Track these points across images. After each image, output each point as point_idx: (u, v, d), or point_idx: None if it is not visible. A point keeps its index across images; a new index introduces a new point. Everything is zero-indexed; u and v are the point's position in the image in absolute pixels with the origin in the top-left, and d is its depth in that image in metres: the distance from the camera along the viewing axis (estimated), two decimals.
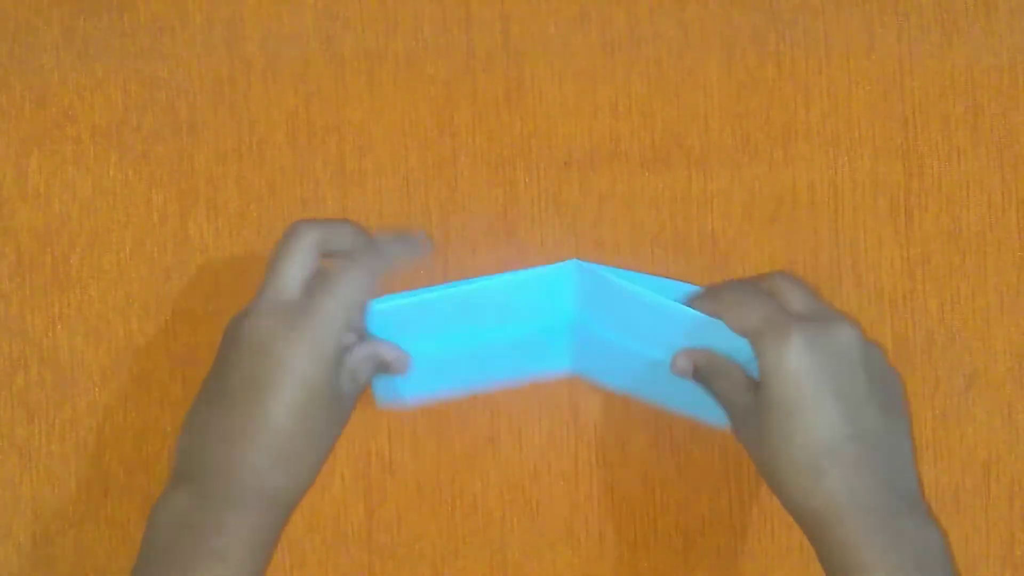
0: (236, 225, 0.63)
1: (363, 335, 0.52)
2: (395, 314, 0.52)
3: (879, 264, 0.63)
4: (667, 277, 0.57)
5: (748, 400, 0.51)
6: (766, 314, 0.49)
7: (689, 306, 0.52)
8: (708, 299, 0.52)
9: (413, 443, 0.62)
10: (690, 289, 0.55)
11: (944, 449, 0.63)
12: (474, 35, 0.64)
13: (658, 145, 0.63)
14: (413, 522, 0.63)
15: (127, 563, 0.63)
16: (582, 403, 0.63)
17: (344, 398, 0.50)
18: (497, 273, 0.53)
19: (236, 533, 0.47)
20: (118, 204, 0.63)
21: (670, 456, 0.63)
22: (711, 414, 0.55)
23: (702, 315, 0.52)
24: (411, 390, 0.58)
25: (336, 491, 0.63)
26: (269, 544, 0.49)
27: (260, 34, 0.63)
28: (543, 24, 0.64)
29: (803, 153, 0.64)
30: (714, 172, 0.63)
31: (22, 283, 0.63)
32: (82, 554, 0.63)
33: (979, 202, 0.64)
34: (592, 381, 0.61)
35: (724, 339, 0.51)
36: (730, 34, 0.64)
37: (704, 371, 0.53)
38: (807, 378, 0.48)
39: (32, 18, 0.63)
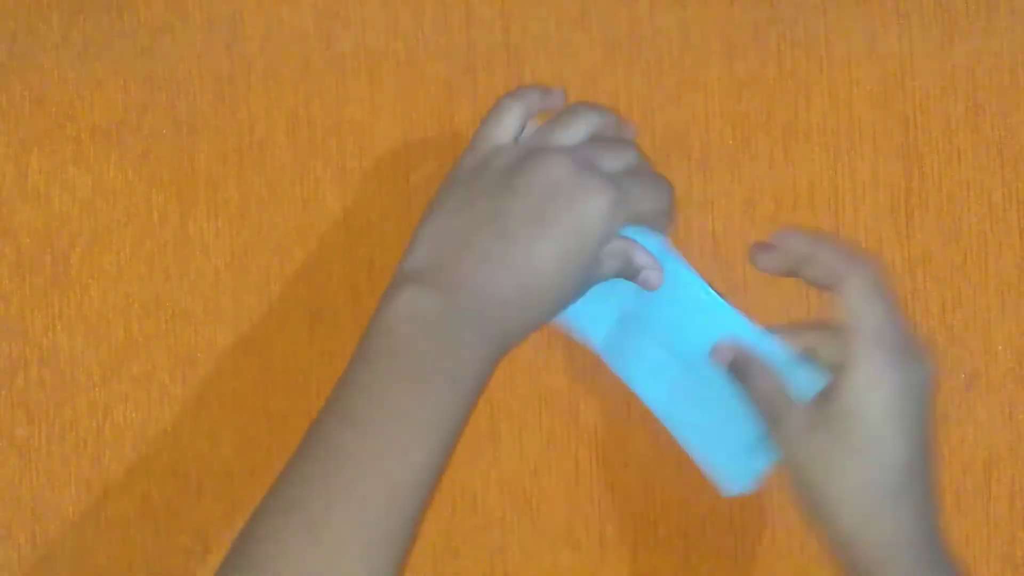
0: (236, 225, 0.63)
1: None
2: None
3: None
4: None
5: (796, 409, 0.47)
6: (877, 323, 0.46)
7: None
8: (799, 242, 0.47)
9: None
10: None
11: (945, 449, 0.63)
12: (475, 34, 0.63)
13: (658, 145, 0.63)
14: None
15: (127, 563, 0.63)
16: (582, 403, 0.63)
17: (591, 271, 0.48)
18: None
19: (471, 360, 0.46)
20: (118, 204, 0.63)
21: (670, 456, 0.63)
22: (719, 450, 0.52)
23: (758, 328, 0.48)
24: (599, 340, 0.53)
25: None
26: (483, 387, 0.47)
27: (260, 33, 0.63)
28: (544, 23, 0.63)
29: (804, 153, 0.63)
30: (714, 172, 0.63)
31: (22, 283, 0.63)
32: (81, 554, 0.62)
33: (980, 202, 0.64)
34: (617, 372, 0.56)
35: (772, 355, 0.48)
36: (731, 33, 0.64)
37: (744, 365, 0.49)
38: (902, 402, 0.45)
39: (32, 18, 0.63)
